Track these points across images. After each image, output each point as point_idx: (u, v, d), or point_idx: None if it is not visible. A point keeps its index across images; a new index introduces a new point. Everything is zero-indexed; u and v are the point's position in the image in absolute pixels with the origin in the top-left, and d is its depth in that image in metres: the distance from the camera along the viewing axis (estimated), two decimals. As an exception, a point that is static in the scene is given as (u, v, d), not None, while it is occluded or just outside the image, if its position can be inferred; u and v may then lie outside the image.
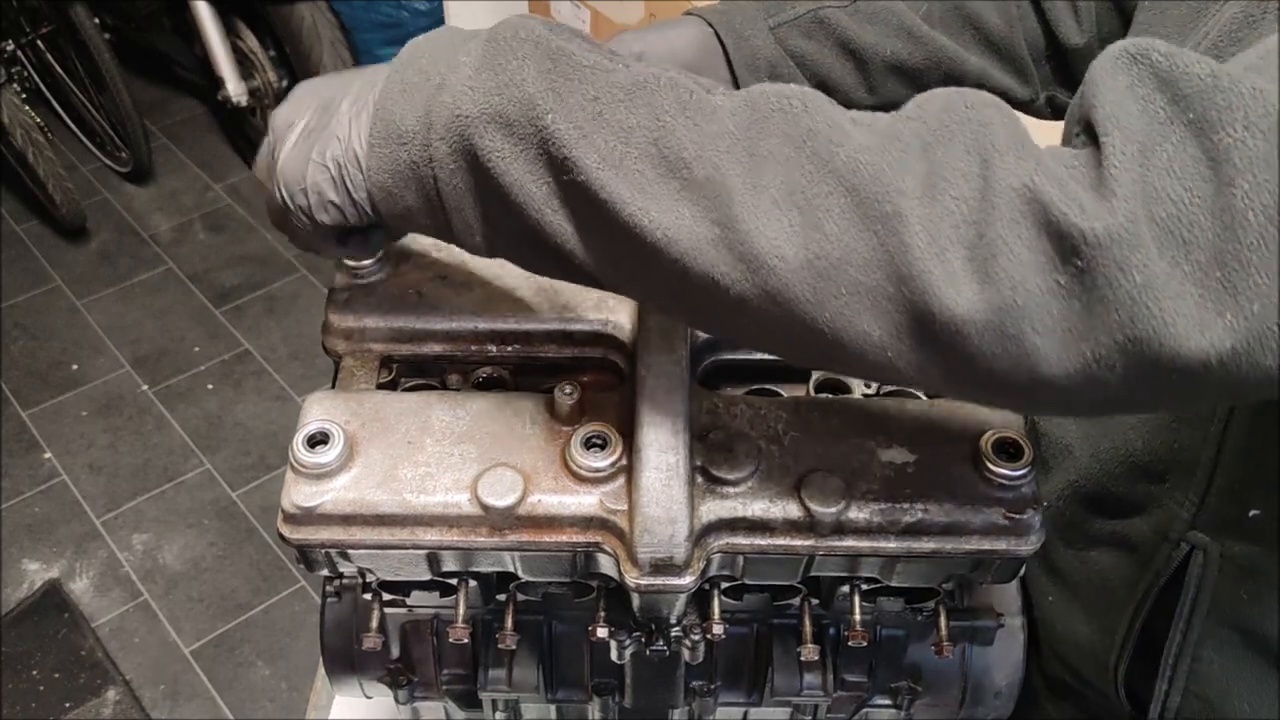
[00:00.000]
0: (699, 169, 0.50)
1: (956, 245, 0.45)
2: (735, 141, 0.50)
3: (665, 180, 0.50)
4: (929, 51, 0.85)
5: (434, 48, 0.58)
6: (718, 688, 0.82)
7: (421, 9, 2.65)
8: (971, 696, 0.83)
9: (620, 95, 0.52)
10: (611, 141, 0.51)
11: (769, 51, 0.82)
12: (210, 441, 2.54)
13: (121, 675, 2.11)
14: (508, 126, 0.53)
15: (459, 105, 0.54)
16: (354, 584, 0.76)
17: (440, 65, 0.56)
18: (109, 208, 3.17)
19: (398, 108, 0.56)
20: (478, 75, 0.54)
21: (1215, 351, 0.42)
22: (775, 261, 0.48)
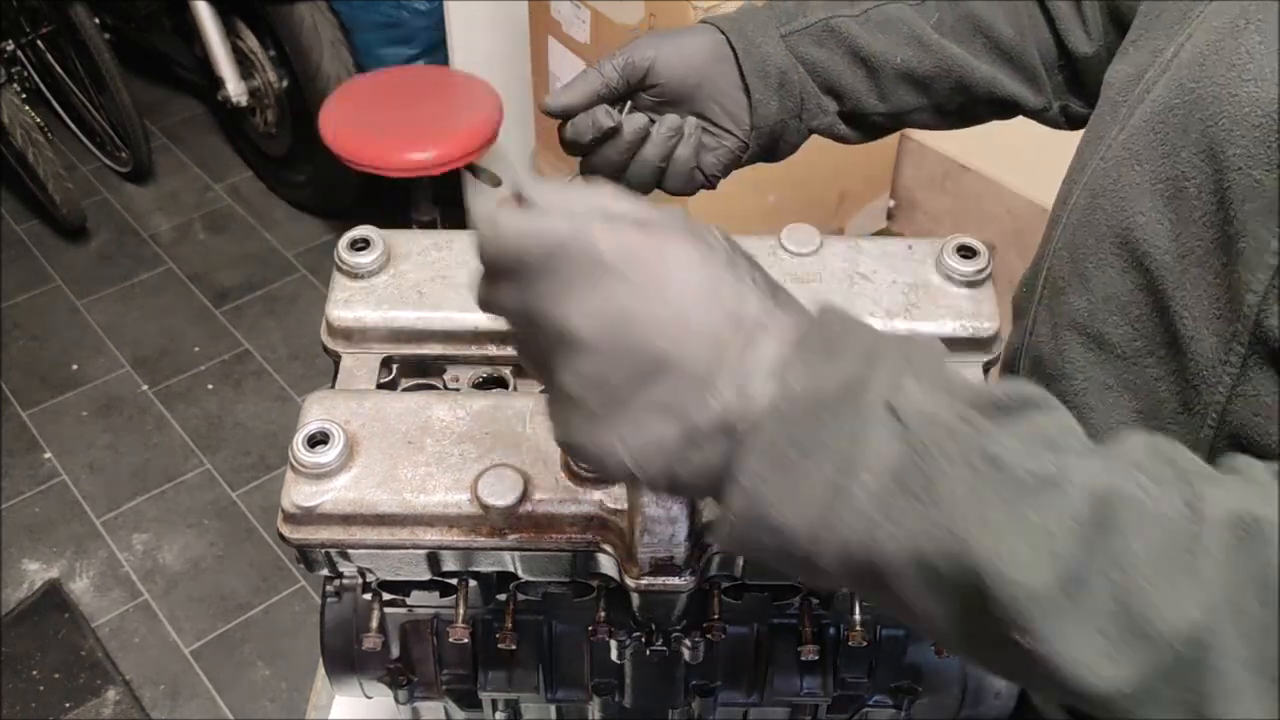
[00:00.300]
0: (1179, 644, 0.43)
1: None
2: (1219, 608, 0.43)
3: (1133, 648, 0.44)
4: (939, 60, 0.85)
5: (813, 401, 0.45)
6: (718, 688, 0.82)
7: (421, 9, 2.65)
8: (971, 696, 0.83)
9: (1078, 533, 0.44)
10: (1068, 589, 0.44)
11: (780, 59, 0.82)
12: (210, 441, 2.54)
13: (121, 675, 2.11)
14: (935, 573, 0.45)
15: (872, 539, 0.45)
16: (354, 584, 0.76)
17: (833, 447, 0.45)
18: (109, 208, 3.17)
19: (777, 494, 0.45)
20: (894, 498, 0.44)
21: None
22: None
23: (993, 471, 0.44)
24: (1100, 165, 0.69)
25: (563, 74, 2.33)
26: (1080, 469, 0.45)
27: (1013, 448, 0.45)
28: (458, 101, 2.50)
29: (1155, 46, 0.69)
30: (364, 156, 2.37)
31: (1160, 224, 0.63)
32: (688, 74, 0.81)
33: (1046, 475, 0.45)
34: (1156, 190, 0.63)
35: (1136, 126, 0.66)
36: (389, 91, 2.53)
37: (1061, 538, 0.44)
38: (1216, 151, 0.58)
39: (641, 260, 0.46)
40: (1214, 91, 0.59)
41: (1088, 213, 0.70)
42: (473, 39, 2.58)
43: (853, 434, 0.44)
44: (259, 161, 3.23)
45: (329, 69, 2.66)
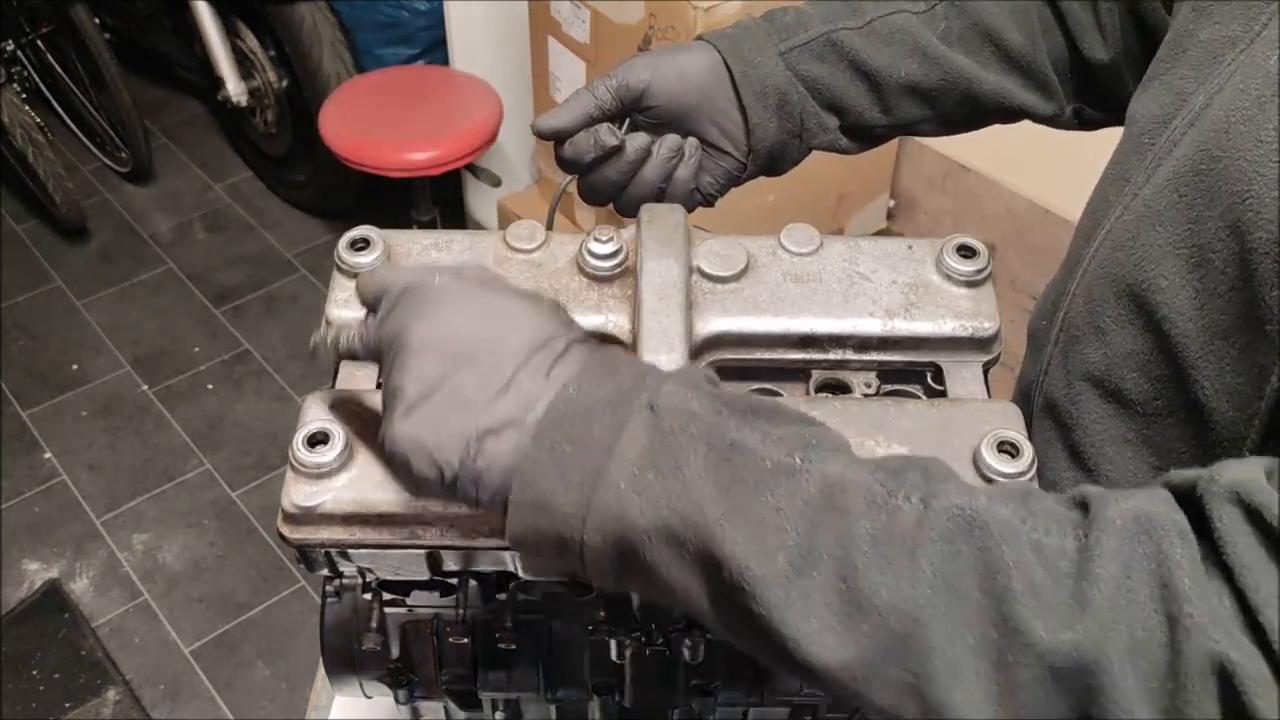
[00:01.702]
0: (894, 620, 0.47)
1: (1156, 712, 0.44)
2: (932, 590, 0.47)
3: (854, 621, 0.48)
4: (944, 72, 0.83)
5: (587, 405, 0.52)
6: (718, 688, 0.82)
7: (421, 9, 2.65)
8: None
9: (806, 512, 0.49)
10: (796, 565, 0.48)
11: (779, 79, 0.81)
12: (210, 441, 2.54)
13: (121, 675, 2.11)
14: (678, 543, 0.50)
15: (624, 511, 0.50)
16: (354, 584, 0.76)
17: (598, 438, 0.51)
18: (109, 208, 3.17)
19: (549, 481, 0.51)
20: (644, 475, 0.50)
21: None
22: (970, 713, 0.46)
23: (735, 455, 0.50)
24: (1123, 217, 0.68)
25: (563, 74, 2.33)
26: (822, 463, 0.50)
27: (758, 440, 0.50)
28: (458, 101, 2.50)
29: (1182, 88, 0.67)
30: (364, 156, 2.37)
31: (1183, 290, 0.61)
32: (684, 96, 0.80)
33: (787, 465, 0.50)
34: (1180, 255, 0.61)
35: (1161, 184, 0.64)
36: (389, 91, 2.53)
37: (791, 516, 0.48)
38: (1243, 231, 0.56)
39: (468, 294, 0.56)
40: (1241, 166, 0.57)
41: (1106, 265, 0.68)
42: (473, 39, 2.58)
43: (616, 427, 0.51)
44: (259, 161, 3.23)
45: (329, 69, 2.66)
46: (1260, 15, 0.62)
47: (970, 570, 0.47)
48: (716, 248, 0.76)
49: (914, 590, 0.47)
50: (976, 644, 0.46)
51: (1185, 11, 0.70)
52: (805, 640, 0.48)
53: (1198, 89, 0.65)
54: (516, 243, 0.77)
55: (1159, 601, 0.45)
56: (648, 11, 2.05)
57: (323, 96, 2.56)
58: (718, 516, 0.49)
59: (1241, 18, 0.64)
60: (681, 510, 0.49)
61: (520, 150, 2.75)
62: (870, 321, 0.74)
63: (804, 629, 0.48)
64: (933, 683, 0.47)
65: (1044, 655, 0.45)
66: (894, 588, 0.47)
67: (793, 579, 0.48)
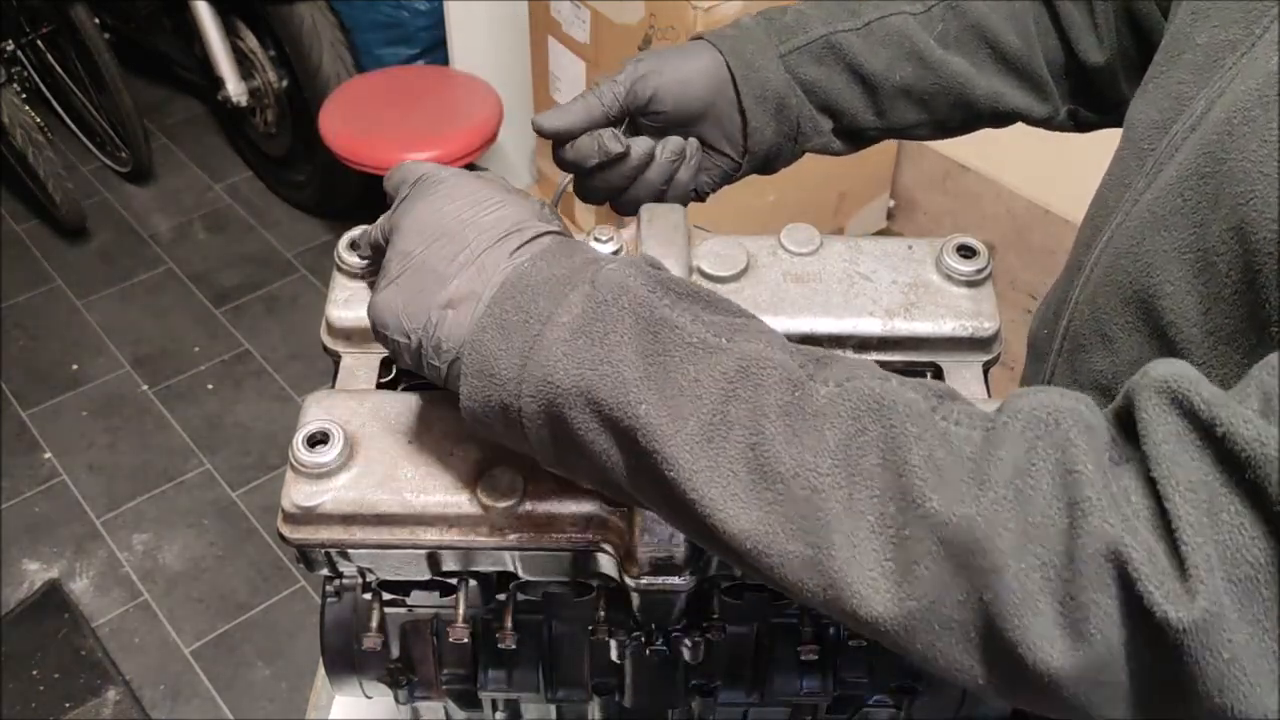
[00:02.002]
0: (796, 486, 0.49)
1: (1049, 599, 0.44)
2: (835, 461, 0.48)
3: (759, 489, 0.49)
4: (939, 77, 0.84)
5: (539, 281, 0.56)
6: (718, 688, 0.82)
7: (421, 9, 2.65)
8: (971, 696, 0.83)
9: (721, 382, 0.51)
10: (707, 433, 0.50)
11: (778, 82, 0.81)
12: (210, 441, 2.54)
13: (121, 675, 2.11)
14: (597, 406, 0.52)
15: (552, 372, 0.53)
16: (354, 584, 0.76)
17: (541, 308, 0.55)
18: (109, 208, 3.17)
19: (494, 347, 0.55)
20: (574, 340, 0.53)
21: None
22: (867, 592, 0.47)
23: (663, 330, 0.52)
24: (1125, 223, 0.67)
25: (563, 74, 2.33)
26: (746, 343, 0.52)
27: (688, 320, 0.53)
28: (458, 101, 2.50)
29: (1180, 92, 0.67)
30: (364, 156, 2.38)
31: (1189, 296, 0.61)
32: (691, 102, 0.80)
33: (712, 344, 0.52)
34: (1184, 260, 0.61)
35: (1163, 189, 0.64)
36: (389, 91, 2.53)
37: (708, 386, 0.51)
38: (1248, 233, 0.56)
39: (462, 184, 0.62)
40: (1245, 168, 0.57)
41: (1111, 272, 0.68)
42: (473, 39, 2.58)
43: (558, 299, 0.55)
44: (259, 161, 3.23)
45: (329, 69, 2.66)
46: (1261, 18, 0.62)
47: (874, 447, 0.48)
48: (716, 248, 0.76)
49: (816, 460, 0.48)
50: (876, 520, 0.47)
51: (1182, 14, 0.69)
52: (713, 506, 0.50)
53: (1198, 93, 0.65)
54: (516, 243, 0.76)
55: (1060, 488, 0.45)
56: (648, 11, 2.05)
57: (323, 96, 2.56)
58: (635, 379, 0.51)
59: (1241, 21, 0.63)
60: (602, 373, 0.52)
61: (520, 150, 2.75)
62: (870, 321, 0.74)
63: (712, 494, 0.50)
64: (832, 556, 0.48)
65: (938, 529, 0.46)
66: (798, 457, 0.49)
67: (703, 445, 0.50)
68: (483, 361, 0.55)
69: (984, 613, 0.46)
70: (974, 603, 0.46)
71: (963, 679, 0.48)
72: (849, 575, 0.48)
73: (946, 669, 0.48)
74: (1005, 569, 0.45)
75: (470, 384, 0.56)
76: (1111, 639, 0.44)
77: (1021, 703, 0.49)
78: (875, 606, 0.47)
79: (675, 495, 0.51)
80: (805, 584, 0.49)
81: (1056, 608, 0.44)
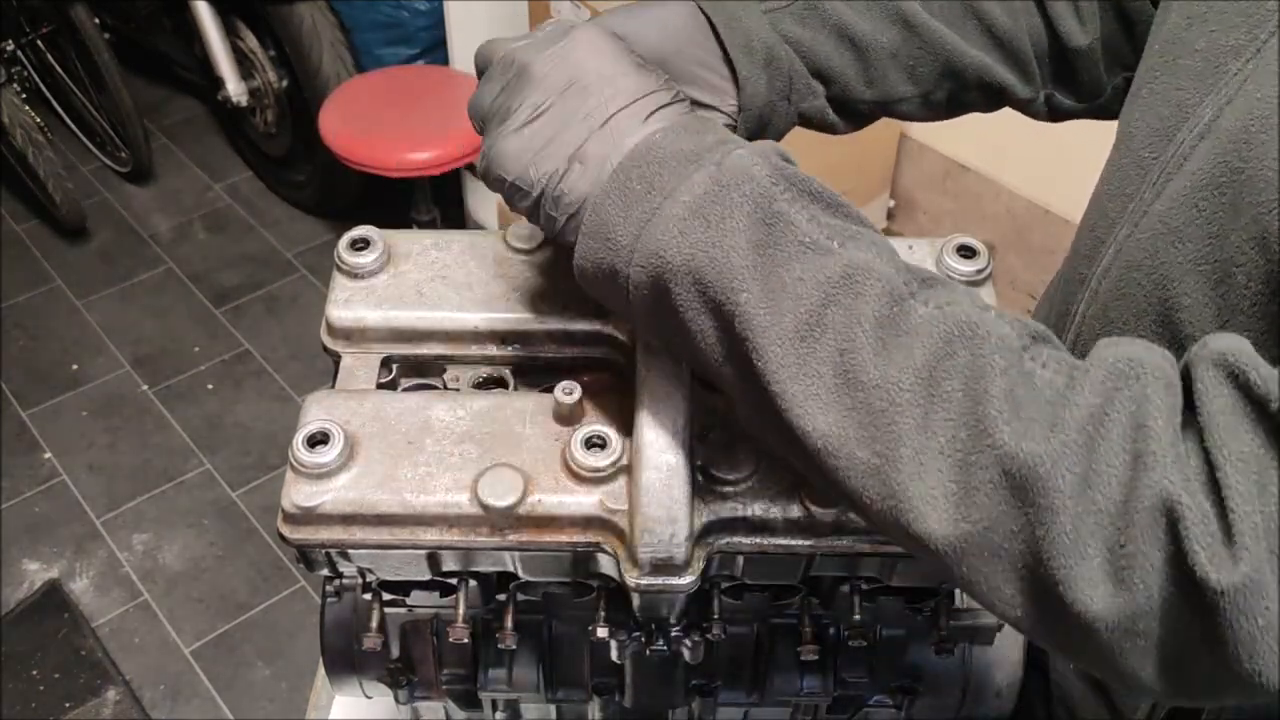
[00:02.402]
0: (876, 397, 0.49)
1: (1098, 545, 0.45)
2: (919, 379, 0.49)
3: (840, 393, 0.50)
4: (925, 42, 0.81)
5: (670, 152, 0.57)
6: (718, 688, 0.82)
7: (421, 9, 2.65)
8: (971, 696, 0.83)
9: (825, 284, 0.51)
10: (801, 332, 0.51)
11: (765, 34, 0.76)
12: (210, 441, 2.54)
13: (121, 675, 2.11)
14: (701, 286, 0.53)
15: (664, 247, 0.54)
16: (354, 584, 0.76)
17: (665, 183, 0.55)
18: (109, 208, 3.17)
19: (614, 213, 0.56)
20: (690, 220, 0.54)
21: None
22: (925, 509, 0.48)
23: (778, 224, 0.53)
24: (1135, 235, 0.66)
25: (563, 74, 2.33)
26: (855, 250, 0.52)
27: (804, 219, 0.53)
28: (458, 101, 2.50)
29: (1181, 99, 0.65)
30: (364, 156, 2.38)
31: (1207, 308, 0.60)
32: (663, 43, 0.74)
33: (823, 247, 0.52)
34: (1201, 272, 0.61)
35: (1176, 199, 0.63)
36: (389, 91, 2.53)
37: (810, 287, 0.51)
38: (1269, 242, 0.56)
39: (602, 41, 0.62)
40: (1266, 176, 0.56)
41: (1121, 285, 0.67)
42: (473, 39, 2.58)
43: (682, 175, 0.55)
44: (259, 161, 3.23)
45: (329, 69, 2.66)
46: (1265, 22, 0.61)
47: (960, 373, 0.49)
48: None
49: (900, 375, 0.49)
50: (946, 442, 0.48)
51: (1175, 17, 0.68)
52: (792, 402, 0.51)
53: (1202, 100, 0.64)
54: (517, 243, 0.77)
55: (1129, 441, 0.45)
56: (648, 11, 2.05)
57: (323, 96, 2.56)
58: (742, 267, 0.52)
59: (1243, 25, 0.62)
60: (712, 256, 0.53)
61: (520, 150, 2.75)
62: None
63: (794, 391, 0.51)
64: (898, 469, 0.49)
65: (1004, 460, 0.47)
66: (883, 370, 0.49)
67: (794, 343, 0.51)
68: (600, 225, 0.56)
69: (1034, 548, 0.46)
70: (1026, 536, 0.46)
71: (1000, 609, 0.49)
72: (910, 490, 0.49)
73: (986, 596, 0.49)
74: (1062, 510, 0.45)
75: (586, 244, 0.57)
76: (1153, 591, 0.44)
77: (1051, 643, 0.49)
78: (930, 524, 0.48)
79: (759, 385, 0.52)
80: (866, 492, 0.50)
81: (1105, 554, 0.45)
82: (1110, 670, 0.48)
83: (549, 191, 0.59)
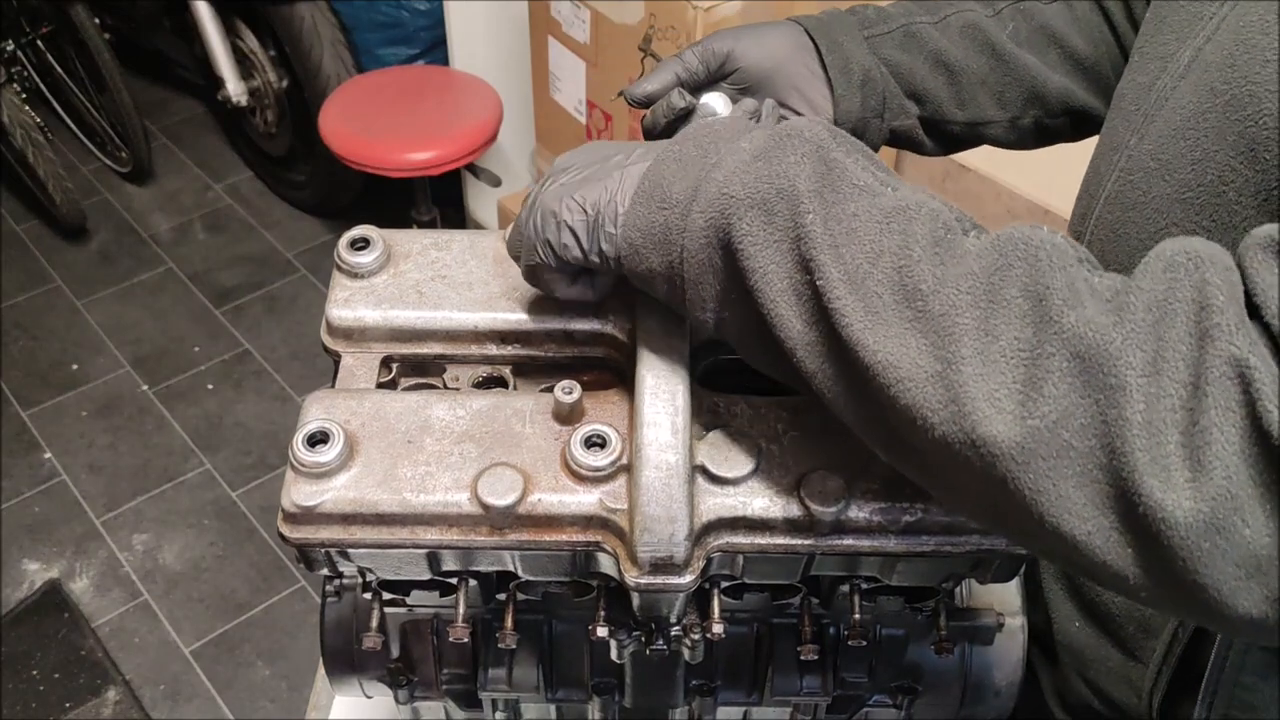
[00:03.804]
0: (935, 303, 0.49)
1: (1172, 427, 0.44)
2: (976, 283, 0.49)
3: (900, 307, 0.50)
4: (1012, 70, 0.86)
5: (718, 132, 0.60)
6: (718, 687, 0.82)
7: (421, 9, 2.65)
8: (971, 696, 0.83)
9: (879, 216, 0.53)
10: (859, 258, 0.52)
11: (863, 58, 0.83)
12: (210, 441, 2.54)
13: (121, 675, 2.11)
14: (768, 214, 0.54)
15: (728, 184, 0.56)
16: (354, 584, 0.76)
17: (721, 146, 0.58)
18: (109, 208, 3.17)
19: (670, 174, 0.58)
20: (753, 163, 0.56)
21: None
22: (989, 410, 0.47)
23: (835, 169, 0.55)
24: (1124, 178, 0.68)
25: (563, 74, 2.33)
26: (909, 192, 0.54)
27: (858, 168, 0.55)
28: (458, 101, 2.50)
29: (1164, 52, 0.68)
30: (364, 156, 2.38)
31: (1194, 234, 0.61)
32: (765, 59, 0.81)
33: (876, 189, 0.54)
34: (1186, 201, 0.62)
35: (1162, 136, 0.65)
36: (389, 91, 2.53)
37: (865, 221, 0.53)
38: (1259, 152, 0.57)
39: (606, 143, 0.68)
40: (1251, 90, 0.58)
41: (1116, 227, 0.69)
42: (473, 39, 2.58)
43: (739, 135, 0.59)
44: (259, 161, 3.23)
45: (329, 69, 2.66)
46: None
47: (1018, 281, 0.48)
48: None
49: (959, 280, 0.49)
50: (1009, 343, 0.47)
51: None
52: (852, 316, 0.51)
53: (1181, 48, 0.66)
54: (516, 242, 0.77)
55: (1195, 322, 0.45)
56: (648, 11, 2.05)
57: (323, 96, 2.56)
58: (808, 192, 0.54)
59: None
60: (779, 186, 0.54)
61: (520, 150, 2.75)
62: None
63: (853, 305, 0.51)
64: (959, 370, 0.48)
65: (1072, 342, 0.46)
66: (940, 276, 0.50)
67: (854, 268, 0.52)
68: (654, 187, 0.58)
69: (1106, 439, 0.45)
70: (1097, 428, 0.45)
71: (1068, 525, 0.47)
72: (973, 390, 0.47)
73: (1053, 510, 0.47)
74: (1135, 389, 0.44)
75: (635, 212, 0.59)
76: (1230, 468, 0.43)
77: (1123, 565, 0.47)
78: (996, 425, 0.47)
79: (819, 305, 0.52)
80: (928, 402, 0.49)
81: (1179, 438, 0.44)
82: (1186, 591, 0.45)
83: (605, 210, 0.61)
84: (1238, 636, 0.68)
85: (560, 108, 2.37)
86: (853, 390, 0.53)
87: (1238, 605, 0.45)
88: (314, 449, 0.64)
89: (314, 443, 0.64)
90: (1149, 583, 0.47)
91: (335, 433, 0.64)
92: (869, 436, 0.56)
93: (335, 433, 0.64)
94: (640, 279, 0.61)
